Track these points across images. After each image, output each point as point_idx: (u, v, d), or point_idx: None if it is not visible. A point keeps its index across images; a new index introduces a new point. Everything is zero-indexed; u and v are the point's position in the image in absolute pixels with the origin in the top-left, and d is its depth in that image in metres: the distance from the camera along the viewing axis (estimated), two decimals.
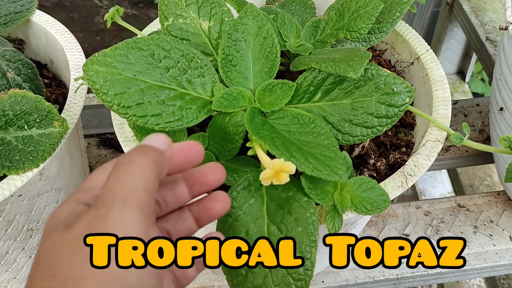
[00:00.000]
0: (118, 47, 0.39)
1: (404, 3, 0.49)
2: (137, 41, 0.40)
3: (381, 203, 0.42)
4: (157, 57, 0.41)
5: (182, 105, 0.40)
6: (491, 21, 0.97)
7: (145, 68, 0.40)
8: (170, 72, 0.41)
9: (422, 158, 0.44)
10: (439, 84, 0.50)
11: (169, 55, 0.41)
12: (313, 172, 0.36)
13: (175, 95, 0.41)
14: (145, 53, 0.40)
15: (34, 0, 0.58)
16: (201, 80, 0.41)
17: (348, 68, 0.39)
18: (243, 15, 0.44)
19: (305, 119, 0.41)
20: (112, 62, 0.39)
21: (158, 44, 0.41)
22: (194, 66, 0.41)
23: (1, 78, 0.49)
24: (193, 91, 0.41)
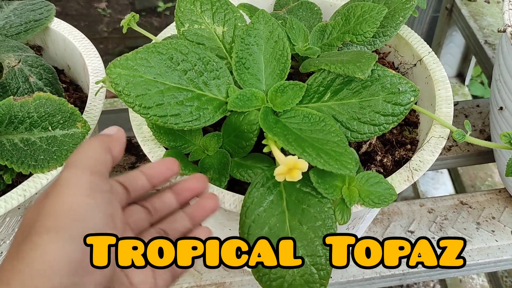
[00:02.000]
0: (139, 51, 0.42)
1: (407, 8, 0.52)
2: (156, 45, 0.43)
3: (387, 196, 0.44)
4: (175, 60, 0.43)
5: (199, 106, 0.43)
6: (490, 25, 1.00)
7: (164, 71, 0.42)
8: (188, 75, 0.43)
9: (426, 153, 0.46)
10: (442, 84, 0.52)
11: (187, 59, 0.43)
12: (324, 166, 0.38)
13: (193, 96, 0.43)
14: (164, 56, 0.43)
15: (52, 9, 0.61)
16: (217, 82, 0.44)
17: (356, 69, 0.41)
18: (255, 21, 0.47)
19: (315, 118, 0.43)
20: (134, 66, 0.41)
21: (176, 48, 0.43)
22: (210, 68, 0.44)
23: (24, 82, 0.51)
24: (209, 93, 0.44)
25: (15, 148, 0.47)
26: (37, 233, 0.28)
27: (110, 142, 0.35)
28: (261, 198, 0.41)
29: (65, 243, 0.28)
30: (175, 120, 0.42)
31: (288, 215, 0.41)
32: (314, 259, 0.39)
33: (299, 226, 0.40)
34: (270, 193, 0.41)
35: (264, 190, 0.41)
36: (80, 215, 0.29)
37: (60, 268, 0.27)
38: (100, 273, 0.29)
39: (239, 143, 0.45)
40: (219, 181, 0.46)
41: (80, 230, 0.28)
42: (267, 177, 0.42)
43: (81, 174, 0.31)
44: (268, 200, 0.41)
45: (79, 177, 0.31)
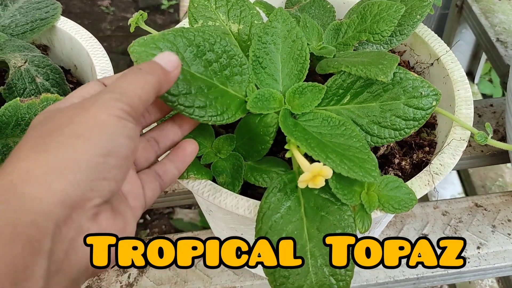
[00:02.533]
0: (166, 33, 0.38)
1: (425, 6, 0.50)
2: (185, 30, 0.39)
3: (408, 201, 0.42)
4: (202, 49, 0.40)
5: (223, 101, 0.40)
6: (501, 22, 0.98)
7: (191, 59, 0.39)
8: (212, 66, 0.40)
9: (447, 157, 0.45)
10: (461, 84, 0.50)
11: (213, 49, 0.40)
12: (349, 173, 0.37)
13: (217, 90, 0.40)
14: (192, 43, 0.39)
15: (58, 7, 0.59)
16: (238, 79, 0.41)
17: (379, 71, 0.40)
18: (273, 19, 0.45)
19: (335, 121, 0.41)
20: (160, 47, 0.38)
21: (203, 37, 0.40)
22: (234, 63, 0.41)
23: (30, 83, 0.50)
24: (231, 89, 0.41)
25: None
26: (65, 135, 0.29)
27: (163, 82, 0.34)
28: (278, 203, 0.40)
29: (92, 147, 0.29)
30: (201, 112, 0.39)
31: (306, 222, 0.39)
32: (333, 270, 0.38)
33: (317, 234, 0.39)
34: (288, 199, 0.40)
35: (281, 195, 0.40)
36: (109, 131, 0.29)
37: (82, 167, 0.28)
38: (115, 182, 0.30)
39: (253, 146, 0.44)
40: (233, 185, 0.44)
41: (106, 142, 0.29)
42: (284, 182, 0.41)
43: (117, 103, 0.30)
44: (286, 206, 0.40)
45: (115, 104, 0.30)
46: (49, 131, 0.29)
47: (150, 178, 0.37)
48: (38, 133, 0.29)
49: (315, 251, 0.39)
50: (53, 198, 0.27)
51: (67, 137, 0.28)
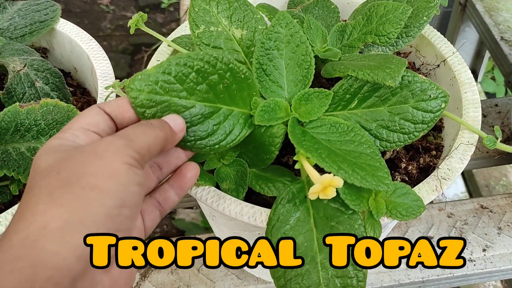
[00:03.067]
0: (161, 66, 0.36)
1: (431, 7, 0.49)
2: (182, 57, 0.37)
3: (415, 208, 0.42)
4: (203, 74, 0.37)
5: (226, 124, 0.39)
6: (505, 20, 0.97)
7: (191, 88, 0.37)
8: (215, 90, 0.38)
9: (455, 161, 0.44)
10: (468, 87, 0.49)
11: (215, 71, 0.38)
12: (362, 183, 0.36)
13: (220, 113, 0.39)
14: (191, 70, 0.37)
15: (58, 9, 0.58)
16: (242, 94, 0.40)
17: (386, 76, 0.39)
18: (275, 23, 0.44)
19: (343, 127, 0.41)
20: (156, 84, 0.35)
21: (204, 60, 0.37)
22: (238, 80, 0.39)
23: (30, 87, 0.49)
24: (235, 107, 0.40)
25: (22, 157, 0.44)
26: (80, 186, 0.29)
27: (170, 141, 0.35)
28: (287, 215, 0.39)
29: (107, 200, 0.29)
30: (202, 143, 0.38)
31: (316, 233, 0.39)
32: (345, 281, 0.37)
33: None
34: (297, 210, 0.39)
35: (290, 206, 0.39)
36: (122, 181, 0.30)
37: (97, 220, 0.28)
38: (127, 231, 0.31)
39: (258, 154, 0.43)
40: (237, 191, 0.44)
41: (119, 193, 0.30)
42: (293, 193, 0.40)
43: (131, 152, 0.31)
44: (295, 217, 0.39)
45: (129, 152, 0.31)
46: (64, 182, 0.29)
47: (150, 207, 0.38)
48: (53, 182, 0.29)
49: (325, 262, 0.38)
50: (70, 253, 0.27)
51: (82, 189, 0.29)
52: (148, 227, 0.37)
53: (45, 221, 0.27)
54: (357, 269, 0.37)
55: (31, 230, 0.27)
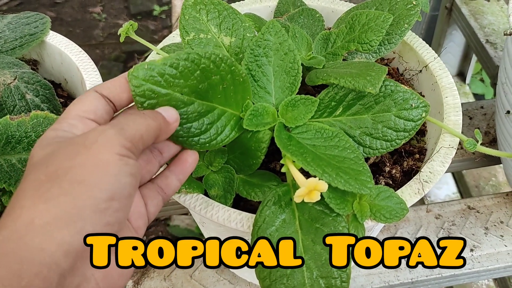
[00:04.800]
0: (168, 58, 0.36)
1: (412, 15, 0.50)
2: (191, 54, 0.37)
3: (399, 211, 0.43)
4: (208, 73, 0.38)
5: (218, 124, 0.40)
6: (490, 24, 0.99)
7: (194, 85, 0.37)
8: (214, 89, 0.39)
9: (437, 164, 0.45)
10: (449, 91, 0.51)
11: (218, 71, 0.38)
12: (345, 186, 0.37)
13: (214, 112, 0.40)
14: (196, 67, 0.37)
15: (47, 22, 0.59)
16: (237, 97, 0.41)
17: (367, 83, 0.40)
18: (265, 31, 0.45)
19: (328, 133, 0.42)
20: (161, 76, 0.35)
21: (210, 58, 0.38)
22: (237, 83, 0.40)
23: (20, 100, 0.50)
24: (229, 108, 0.41)
25: (13, 169, 0.45)
26: (67, 180, 0.28)
27: (163, 131, 0.35)
28: (273, 217, 0.40)
29: (95, 193, 0.29)
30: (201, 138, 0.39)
31: (301, 234, 0.40)
32: (329, 281, 0.38)
33: (313, 246, 0.39)
34: (282, 212, 0.40)
35: (276, 208, 0.40)
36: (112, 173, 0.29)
37: (85, 214, 0.28)
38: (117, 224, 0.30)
39: (245, 160, 0.44)
40: (225, 198, 0.45)
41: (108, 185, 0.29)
42: (279, 195, 0.41)
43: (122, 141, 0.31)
44: (280, 219, 0.40)
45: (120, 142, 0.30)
46: (51, 176, 0.29)
47: (153, 193, 0.37)
48: (41, 176, 0.29)
49: (310, 263, 0.39)
50: (56, 249, 0.27)
51: (69, 183, 0.28)
52: (151, 212, 0.37)
53: (31, 217, 0.27)
54: (340, 269, 0.38)
55: (18, 225, 0.27)
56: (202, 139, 0.39)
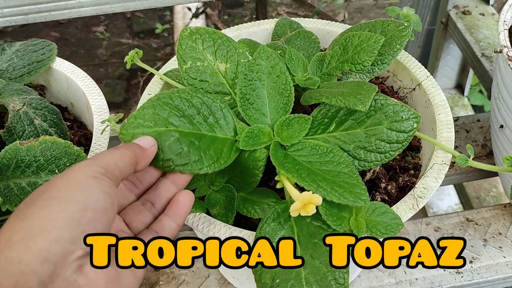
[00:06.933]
0: (145, 106, 0.41)
1: (404, 36, 0.52)
2: (160, 97, 0.42)
3: (394, 226, 0.44)
4: (182, 107, 0.42)
5: (216, 148, 0.42)
6: (486, 37, 1.01)
7: (175, 120, 0.42)
8: (196, 119, 0.43)
9: (430, 180, 0.47)
10: (441, 108, 0.53)
11: (192, 104, 0.43)
12: (340, 199, 0.39)
13: (207, 138, 0.43)
14: (171, 105, 0.42)
15: (54, 48, 0.62)
16: (223, 122, 0.44)
17: (357, 101, 0.42)
18: (257, 56, 0.47)
19: (323, 149, 0.44)
20: (144, 122, 0.40)
21: (180, 96, 0.43)
22: (215, 110, 0.44)
23: (29, 125, 0.52)
24: (220, 133, 0.44)
25: (23, 192, 0.47)
26: (42, 199, 0.30)
27: (140, 156, 0.37)
28: (272, 233, 0.41)
29: (67, 205, 0.30)
30: (198, 165, 0.41)
31: (300, 249, 0.41)
32: None
33: (311, 261, 0.40)
34: (282, 228, 0.42)
35: (275, 225, 0.42)
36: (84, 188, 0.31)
37: (60, 224, 0.29)
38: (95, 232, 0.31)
39: (244, 178, 0.46)
40: (226, 216, 0.46)
41: (81, 198, 0.31)
42: (278, 212, 0.42)
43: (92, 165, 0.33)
44: (280, 235, 0.42)
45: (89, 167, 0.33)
46: (28, 203, 0.31)
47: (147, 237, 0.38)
48: (21, 206, 0.31)
49: (309, 277, 0.41)
50: (33, 258, 0.28)
51: (44, 201, 0.30)
52: None
53: (9, 235, 0.29)
54: (338, 282, 0.40)
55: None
56: (206, 162, 0.41)
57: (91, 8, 0.68)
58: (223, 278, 0.66)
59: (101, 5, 0.68)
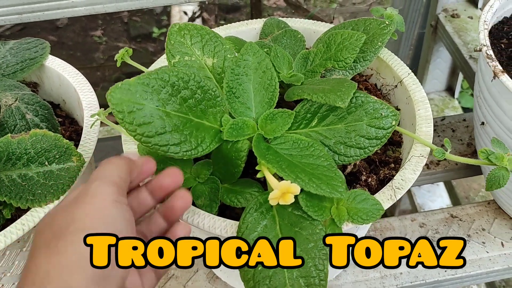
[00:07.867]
0: (141, 77, 0.41)
1: (385, 34, 0.54)
2: (160, 72, 0.42)
3: (375, 212, 0.45)
4: (177, 88, 0.43)
5: (197, 134, 0.44)
6: (474, 40, 1.02)
7: (166, 98, 0.42)
8: (188, 103, 0.43)
9: (408, 172, 0.48)
10: (421, 104, 0.54)
11: (187, 86, 0.43)
12: (317, 190, 0.40)
13: (192, 124, 0.44)
14: (167, 83, 0.42)
15: (47, 47, 0.63)
16: (213, 111, 0.45)
17: (337, 98, 0.44)
18: (244, 52, 0.49)
19: (304, 143, 0.45)
20: (135, 92, 0.40)
21: (178, 75, 0.43)
22: (208, 97, 0.45)
23: (21, 119, 0.54)
24: (206, 121, 0.45)
25: (13, 183, 0.49)
26: (71, 233, 0.32)
27: (132, 166, 0.38)
28: (255, 223, 0.43)
29: None
30: (175, 149, 0.42)
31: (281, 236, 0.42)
32: (308, 280, 0.41)
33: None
34: (264, 218, 0.43)
35: (257, 215, 0.43)
36: (109, 219, 0.33)
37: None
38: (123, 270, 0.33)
39: (228, 170, 0.47)
40: (210, 207, 0.48)
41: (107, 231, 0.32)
42: (260, 203, 0.44)
43: (107, 187, 0.35)
44: (262, 224, 0.43)
45: (105, 189, 0.34)
46: (57, 232, 0.32)
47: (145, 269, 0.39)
48: (48, 236, 0.33)
49: None
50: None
51: (74, 234, 0.32)
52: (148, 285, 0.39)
53: (47, 270, 0.31)
54: (318, 269, 0.41)
55: (37, 279, 0.31)
56: (184, 148, 0.42)
57: (84, 8, 0.69)
58: (211, 273, 0.67)
59: (93, 5, 0.70)
